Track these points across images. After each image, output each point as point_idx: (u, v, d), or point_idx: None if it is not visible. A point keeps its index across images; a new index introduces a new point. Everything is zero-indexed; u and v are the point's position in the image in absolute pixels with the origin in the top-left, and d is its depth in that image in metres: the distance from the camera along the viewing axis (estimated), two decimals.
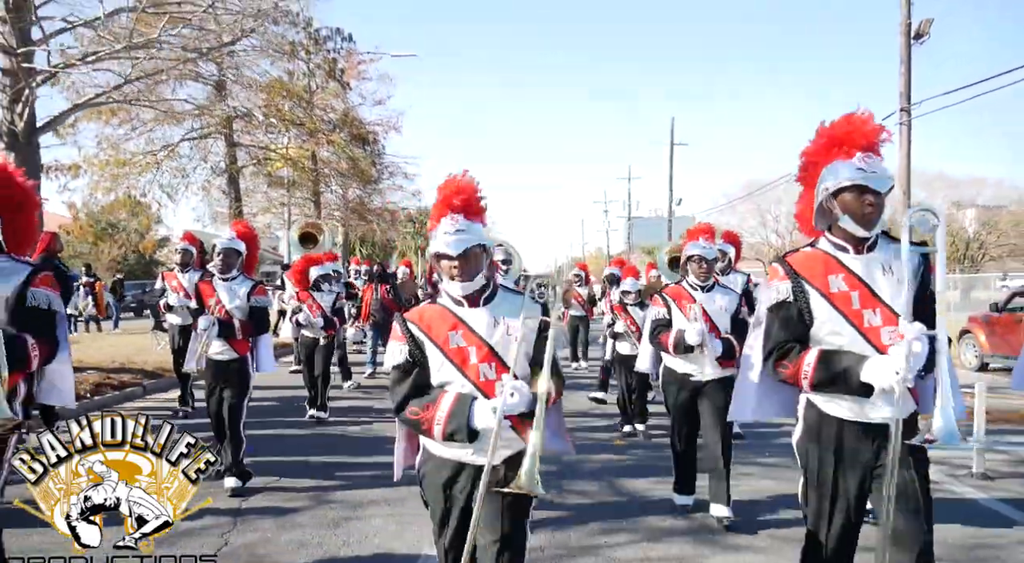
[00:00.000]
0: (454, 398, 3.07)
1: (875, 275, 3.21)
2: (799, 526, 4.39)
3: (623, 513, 6.31)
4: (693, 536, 5.81)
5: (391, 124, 28.38)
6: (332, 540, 5.60)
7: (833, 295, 3.22)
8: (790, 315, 3.31)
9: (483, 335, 3.16)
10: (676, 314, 6.10)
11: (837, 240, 3.31)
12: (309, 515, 6.13)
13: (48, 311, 3.70)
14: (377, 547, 5.45)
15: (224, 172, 25.04)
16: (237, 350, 6.74)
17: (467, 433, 3.02)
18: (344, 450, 8.42)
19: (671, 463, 6.51)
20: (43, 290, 3.70)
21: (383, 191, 31.50)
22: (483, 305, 3.23)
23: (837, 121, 3.30)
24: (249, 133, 23.10)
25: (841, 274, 3.23)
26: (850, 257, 3.27)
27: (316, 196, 27.77)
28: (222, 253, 6.89)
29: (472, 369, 3.12)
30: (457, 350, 3.15)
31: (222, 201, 26.85)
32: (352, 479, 7.18)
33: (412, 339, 3.21)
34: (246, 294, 6.83)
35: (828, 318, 3.24)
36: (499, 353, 3.14)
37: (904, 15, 17.56)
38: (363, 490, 6.74)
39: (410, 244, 44.46)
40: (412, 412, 3.15)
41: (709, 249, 6.09)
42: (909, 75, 17.66)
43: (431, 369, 3.19)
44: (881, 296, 3.19)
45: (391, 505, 6.32)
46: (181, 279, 10.27)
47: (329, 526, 5.88)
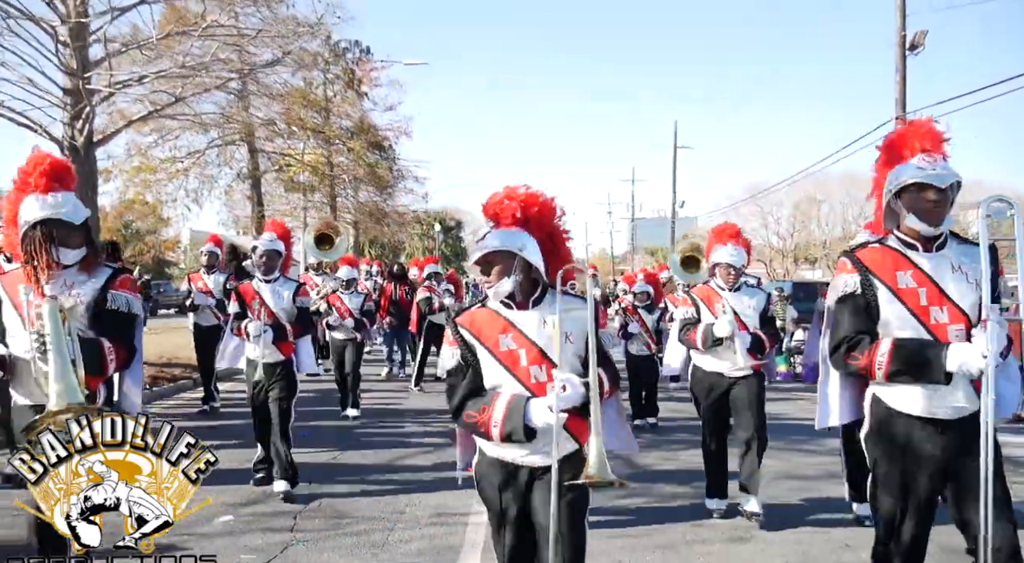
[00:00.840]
0: (509, 399, 3.02)
1: (943, 273, 3.13)
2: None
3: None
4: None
5: (402, 129, 28.24)
6: (380, 539, 5.48)
7: (901, 291, 3.14)
8: (858, 307, 3.23)
9: (532, 337, 3.12)
10: (705, 313, 5.94)
11: (905, 237, 3.23)
12: (364, 514, 6.03)
13: (128, 314, 3.65)
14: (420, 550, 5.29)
15: (248, 177, 24.94)
16: (283, 352, 6.43)
17: (524, 432, 2.97)
18: (383, 448, 8.31)
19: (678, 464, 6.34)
20: (123, 293, 3.64)
21: (395, 195, 31.33)
22: (532, 307, 3.19)
23: (897, 129, 3.34)
24: (271, 140, 22.98)
25: (910, 271, 3.15)
26: (919, 255, 3.19)
27: (332, 200, 27.64)
28: (264, 255, 6.57)
29: (523, 371, 3.09)
30: (508, 353, 3.11)
31: (242, 204, 26.74)
32: (393, 481, 7.10)
33: (464, 343, 3.18)
34: (291, 296, 6.51)
35: (895, 314, 3.15)
36: (548, 354, 3.08)
37: (899, 26, 17.43)
38: (410, 495, 6.58)
39: (417, 245, 44.19)
40: (469, 416, 3.12)
41: (738, 256, 5.89)
42: (904, 84, 17.76)
43: (483, 372, 3.16)
44: (949, 294, 3.11)
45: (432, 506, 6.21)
46: (207, 280, 10.16)
47: (382, 522, 5.81)
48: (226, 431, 8.65)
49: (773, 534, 5.71)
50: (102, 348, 3.46)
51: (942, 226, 3.15)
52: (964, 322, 3.05)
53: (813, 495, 6.77)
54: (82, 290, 3.60)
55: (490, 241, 3.17)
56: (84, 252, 3.68)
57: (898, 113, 17.65)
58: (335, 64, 21.45)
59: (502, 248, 3.14)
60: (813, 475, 7.41)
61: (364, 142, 26.99)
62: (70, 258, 3.62)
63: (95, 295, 3.59)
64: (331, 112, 24.60)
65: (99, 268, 3.69)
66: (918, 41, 17.38)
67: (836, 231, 55.68)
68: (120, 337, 3.59)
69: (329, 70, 21.40)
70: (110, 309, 3.60)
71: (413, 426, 9.78)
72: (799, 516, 6.18)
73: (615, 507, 6.21)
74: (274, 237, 6.74)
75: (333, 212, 27.67)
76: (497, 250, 3.15)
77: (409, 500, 6.38)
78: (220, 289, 10.02)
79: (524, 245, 3.17)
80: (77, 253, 3.65)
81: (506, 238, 3.17)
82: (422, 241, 44.76)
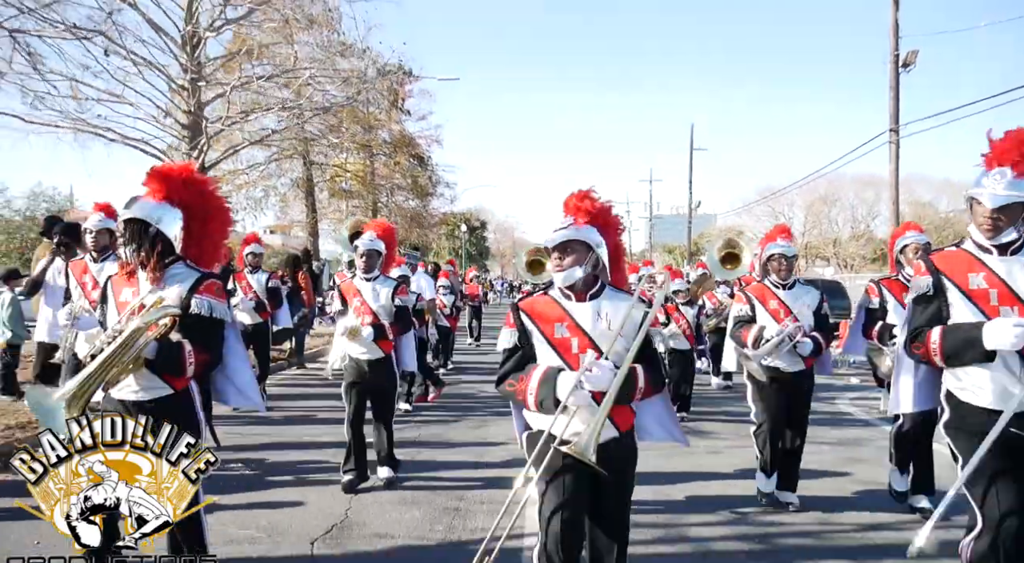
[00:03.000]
0: (543, 371, 3.01)
1: (1016, 275, 3.05)
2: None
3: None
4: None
5: (433, 137, 27.78)
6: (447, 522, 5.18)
7: (972, 292, 3.09)
8: (929, 306, 3.22)
9: (586, 328, 3.07)
10: (760, 311, 5.46)
11: (981, 242, 3.16)
12: (424, 502, 5.64)
13: (210, 319, 3.34)
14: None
15: (303, 186, 24.92)
16: (383, 349, 5.96)
17: (553, 401, 2.94)
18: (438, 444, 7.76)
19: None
20: (206, 297, 3.33)
21: (432, 200, 31.19)
22: (589, 300, 3.14)
23: (1006, 134, 3.14)
24: (324, 154, 22.82)
25: (982, 273, 3.09)
26: (994, 258, 3.12)
27: (374, 205, 27.44)
28: (365, 254, 6.06)
29: (573, 357, 3.05)
30: (561, 340, 3.08)
31: (298, 209, 26.67)
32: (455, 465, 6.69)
33: (522, 326, 3.16)
34: (390, 295, 6.05)
35: (967, 312, 3.09)
36: (599, 344, 3.03)
37: (892, 46, 16.95)
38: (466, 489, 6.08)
39: (444, 245, 43.69)
40: (509, 384, 3.13)
41: (788, 247, 5.49)
42: (897, 100, 17.34)
43: (537, 354, 3.13)
44: (1021, 294, 3.02)
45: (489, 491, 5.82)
46: (250, 280, 9.50)
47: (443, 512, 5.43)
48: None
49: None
50: (182, 350, 3.19)
51: (1002, 237, 3.06)
52: None
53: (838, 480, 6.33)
54: (167, 293, 3.31)
55: (573, 231, 3.12)
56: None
57: (892, 125, 17.21)
58: (383, 87, 21.06)
59: (584, 239, 3.12)
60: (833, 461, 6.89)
61: (407, 155, 26.70)
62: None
63: (179, 298, 3.28)
64: (374, 127, 24.33)
65: (190, 272, 3.38)
66: (909, 60, 17.11)
67: (847, 230, 54.29)
68: (202, 341, 3.29)
69: (373, 87, 21.00)
70: (193, 313, 3.28)
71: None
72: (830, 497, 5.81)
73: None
74: (374, 236, 6.21)
75: (375, 216, 27.46)
76: (579, 240, 3.11)
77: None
78: (263, 288, 9.50)
79: (600, 243, 3.18)
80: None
81: (588, 233, 3.15)
82: (449, 241, 44.17)
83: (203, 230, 3.46)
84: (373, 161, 24.96)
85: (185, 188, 3.39)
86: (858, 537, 5.01)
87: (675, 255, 47.71)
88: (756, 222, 51.25)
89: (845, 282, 25.24)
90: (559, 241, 3.10)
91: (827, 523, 5.25)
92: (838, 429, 8.57)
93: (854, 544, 4.88)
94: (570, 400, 2.89)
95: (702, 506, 5.56)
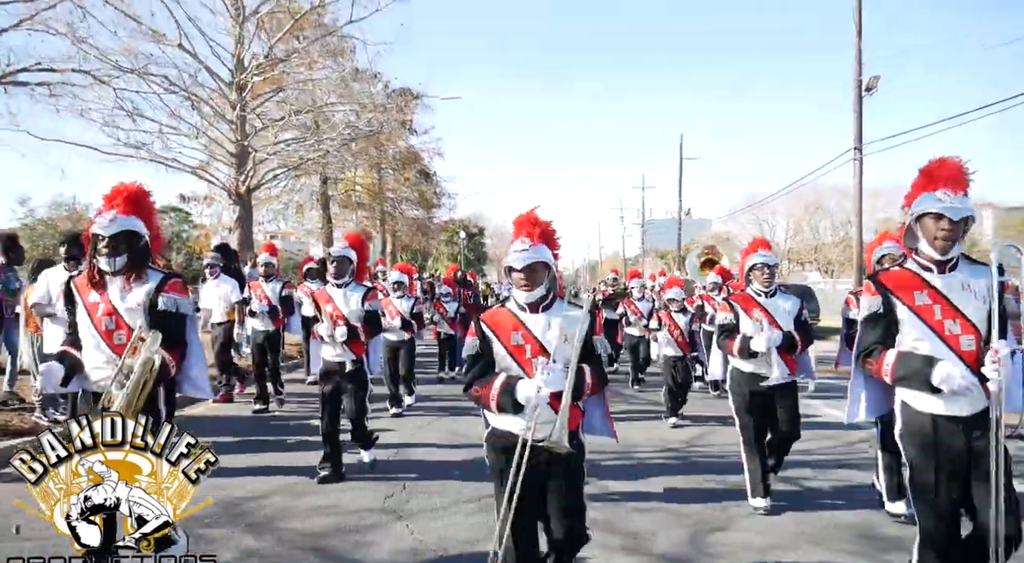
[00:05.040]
0: (504, 379, 3.13)
1: (955, 291, 3.11)
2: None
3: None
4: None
5: (435, 150, 27.49)
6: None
7: (918, 307, 3.13)
8: (879, 324, 3.24)
9: (538, 336, 3.20)
10: (743, 319, 5.23)
11: (922, 261, 3.21)
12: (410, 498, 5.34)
13: (177, 313, 3.49)
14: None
15: (320, 200, 24.73)
16: (355, 351, 5.81)
17: (512, 405, 3.06)
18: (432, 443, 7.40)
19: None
20: (172, 295, 3.48)
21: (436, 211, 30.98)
22: (542, 312, 3.25)
23: (932, 161, 3.23)
24: (339, 170, 22.59)
25: (926, 291, 3.14)
26: (934, 276, 3.17)
27: (382, 215, 27.18)
28: (336, 261, 5.92)
29: (526, 361, 3.18)
30: (516, 346, 3.21)
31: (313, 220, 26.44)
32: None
33: (483, 335, 3.27)
34: (359, 300, 5.86)
35: (913, 327, 3.14)
36: (549, 350, 3.15)
37: (856, 72, 16.92)
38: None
39: (443, 250, 43.03)
40: (475, 390, 3.22)
41: (769, 257, 5.33)
42: (860, 121, 17.74)
43: (496, 359, 3.25)
44: (960, 309, 3.09)
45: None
46: (264, 288, 9.13)
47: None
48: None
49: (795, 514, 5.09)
50: (165, 364, 3.29)
51: (951, 253, 3.13)
52: (974, 333, 3.04)
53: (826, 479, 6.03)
54: (136, 294, 3.44)
55: (535, 253, 3.20)
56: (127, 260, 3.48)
57: (856, 144, 17.21)
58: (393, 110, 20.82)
59: (545, 260, 3.24)
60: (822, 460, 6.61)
61: (414, 172, 26.51)
62: (117, 265, 3.47)
63: (147, 298, 3.41)
64: (383, 145, 24.06)
65: (150, 274, 3.51)
66: (872, 84, 17.04)
67: (827, 236, 53.72)
68: (172, 335, 3.41)
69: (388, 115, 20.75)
70: (160, 310, 3.41)
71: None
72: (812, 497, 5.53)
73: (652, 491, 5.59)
74: (346, 245, 6.08)
75: (383, 226, 27.18)
76: (541, 261, 3.22)
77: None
78: (277, 296, 9.14)
79: (552, 261, 3.31)
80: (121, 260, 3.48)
81: (545, 253, 3.25)
82: (448, 247, 43.50)
83: (154, 235, 3.63)
84: (381, 175, 24.73)
85: (146, 203, 3.61)
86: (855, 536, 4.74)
87: (667, 260, 46.92)
88: (741, 229, 50.69)
89: (827, 286, 25.11)
90: (527, 262, 3.16)
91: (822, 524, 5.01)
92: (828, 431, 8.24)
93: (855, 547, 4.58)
94: (531, 403, 3.00)
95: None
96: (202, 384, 3.70)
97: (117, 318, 3.37)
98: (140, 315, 3.36)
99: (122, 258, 3.39)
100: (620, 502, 5.22)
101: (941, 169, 3.17)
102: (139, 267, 3.44)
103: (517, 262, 3.16)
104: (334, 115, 16.91)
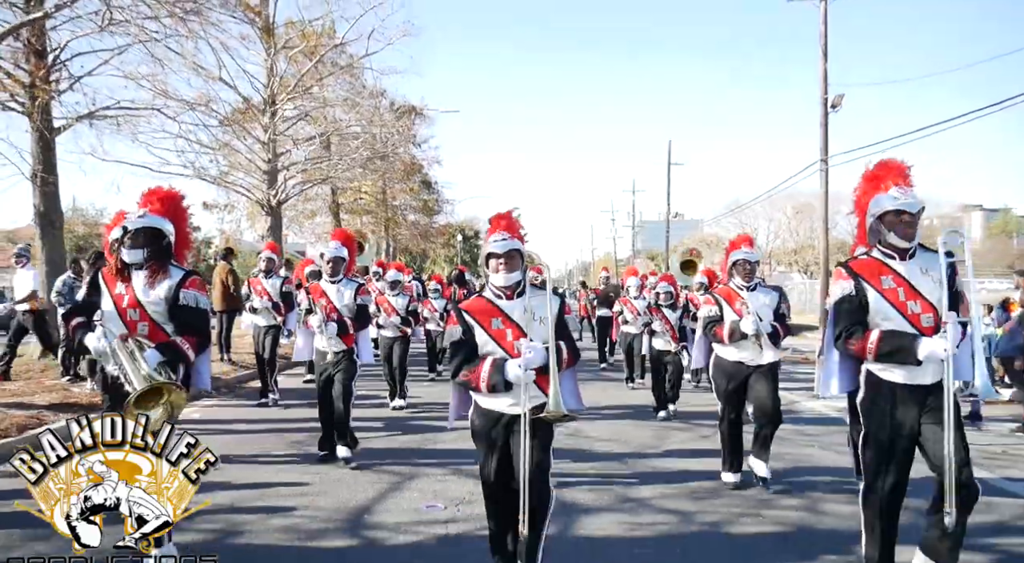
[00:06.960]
0: (492, 361, 3.17)
1: (915, 276, 3.26)
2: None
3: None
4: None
5: (434, 158, 27.04)
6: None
7: (885, 290, 3.26)
8: (852, 306, 3.33)
9: (516, 320, 3.27)
10: (727, 311, 5.19)
11: (886, 250, 3.34)
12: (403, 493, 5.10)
13: (196, 308, 3.51)
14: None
15: (331, 208, 24.47)
16: (345, 343, 5.83)
17: (503, 384, 3.12)
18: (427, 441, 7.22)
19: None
20: (192, 291, 3.49)
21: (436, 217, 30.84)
22: (516, 298, 3.32)
23: (874, 166, 3.38)
24: (348, 179, 22.33)
25: (890, 275, 3.28)
26: (896, 262, 3.31)
27: (387, 221, 26.98)
28: (331, 261, 5.96)
29: (508, 344, 3.23)
30: (497, 331, 3.26)
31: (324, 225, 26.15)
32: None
33: (465, 323, 3.29)
34: (352, 295, 5.90)
35: (881, 307, 3.27)
36: (527, 332, 3.23)
37: (822, 90, 16.94)
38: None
39: (440, 252, 42.56)
40: (464, 374, 3.24)
41: (752, 253, 5.30)
42: (826, 136, 17.77)
43: (479, 344, 3.28)
44: (920, 291, 3.23)
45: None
46: (265, 284, 8.77)
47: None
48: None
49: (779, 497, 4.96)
50: (179, 346, 3.35)
51: (916, 240, 3.32)
52: (932, 312, 3.19)
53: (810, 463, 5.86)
54: (159, 289, 3.44)
55: (513, 243, 3.32)
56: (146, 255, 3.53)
57: (822, 156, 17.22)
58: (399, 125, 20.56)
59: (521, 249, 3.36)
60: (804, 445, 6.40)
61: (417, 182, 26.28)
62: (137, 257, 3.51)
63: (169, 293, 3.43)
64: (389, 158, 23.84)
65: (173, 270, 3.51)
66: (837, 102, 17.03)
67: (805, 239, 53.48)
68: (192, 327, 3.47)
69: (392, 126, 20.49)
70: (181, 304, 3.44)
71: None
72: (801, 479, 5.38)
73: (641, 478, 5.42)
74: (339, 245, 6.10)
75: (387, 232, 26.92)
76: (517, 250, 3.33)
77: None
78: (277, 292, 8.78)
79: (524, 250, 3.43)
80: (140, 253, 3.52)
81: (519, 244, 3.37)
82: (444, 249, 43.07)
83: (182, 236, 3.65)
84: (386, 183, 24.50)
85: (177, 206, 3.65)
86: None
87: (657, 261, 46.50)
88: (725, 232, 50.29)
89: (807, 284, 25.03)
90: (508, 249, 3.29)
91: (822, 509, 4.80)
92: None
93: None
94: (519, 380, 3.06)
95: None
96: (205, 377, 3.74)
97: (141, 311, 3.41)
98: (162, 309, 3.41)
99: (142, 251, 3.41)
100: (614, 487, 5.10)
101: (886, 171, 3.34)
102: (159, 263, 3.45)
103: (499, 248, 3.28)
104: (350, 135, 17.58)
